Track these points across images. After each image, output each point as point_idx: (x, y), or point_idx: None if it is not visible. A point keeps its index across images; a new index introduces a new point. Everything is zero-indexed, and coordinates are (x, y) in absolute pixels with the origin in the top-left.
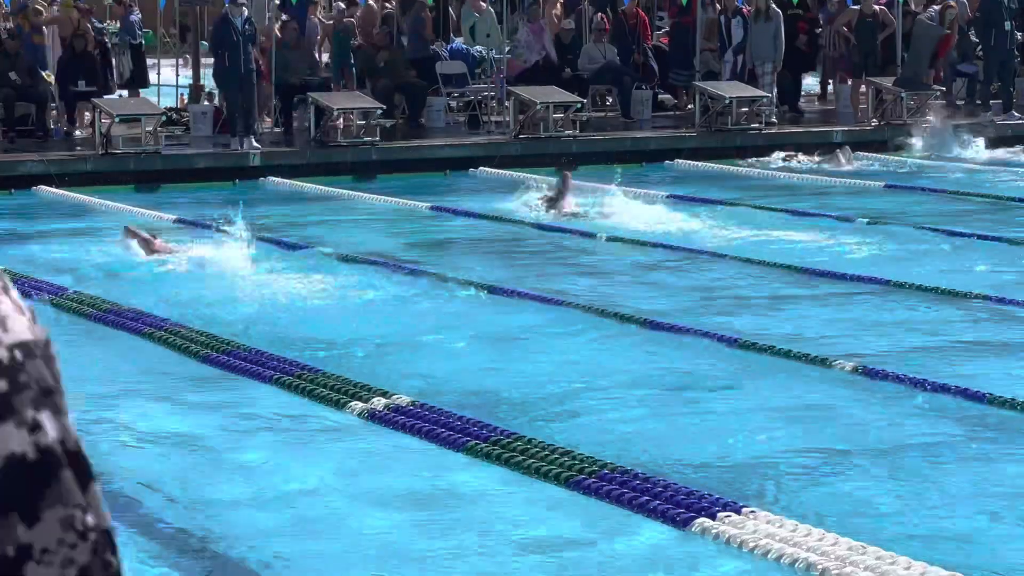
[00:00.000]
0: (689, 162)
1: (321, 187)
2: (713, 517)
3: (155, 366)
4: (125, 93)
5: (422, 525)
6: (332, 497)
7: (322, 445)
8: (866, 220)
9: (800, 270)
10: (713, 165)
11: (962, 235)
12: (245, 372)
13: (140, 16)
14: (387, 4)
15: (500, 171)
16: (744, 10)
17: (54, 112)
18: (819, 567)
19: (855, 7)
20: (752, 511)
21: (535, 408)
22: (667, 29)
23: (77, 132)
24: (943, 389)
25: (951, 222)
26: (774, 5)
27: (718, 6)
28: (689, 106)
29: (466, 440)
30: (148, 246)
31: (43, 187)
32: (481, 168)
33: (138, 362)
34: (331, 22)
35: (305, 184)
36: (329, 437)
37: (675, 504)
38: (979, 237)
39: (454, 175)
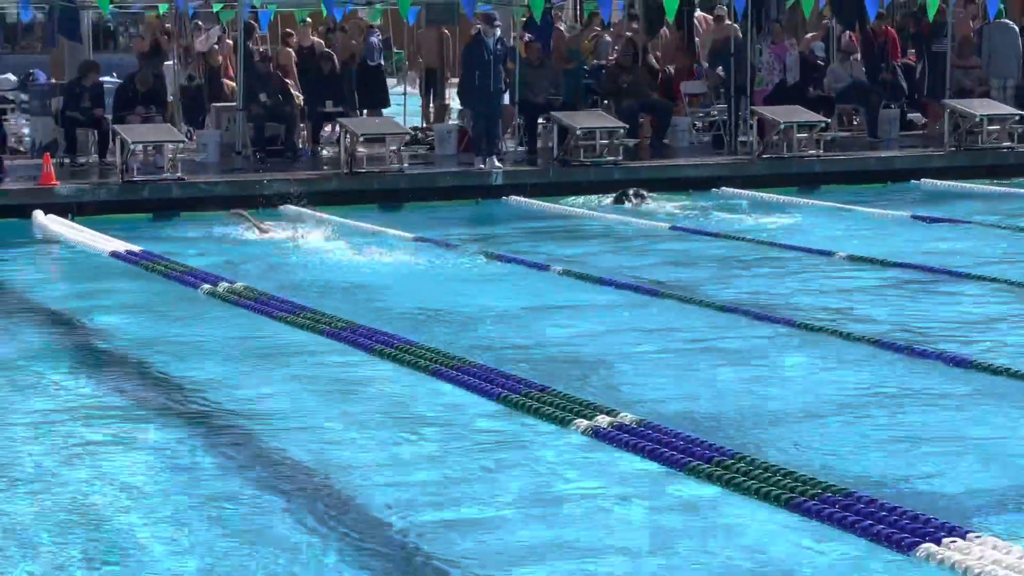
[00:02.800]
0: (936, 181)
1: (562, 206)
2: (938, 542)
3: (390, 379)
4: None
5: (642, 543)
6: (559, 514)
7: (546, 463)
8: None
9: None
10: (961, 184)
11: None
12: (474, 389)
13: (380, 37)
14: (632, 25)
15: (744, 191)
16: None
17: (303, 133)
18: None
19: None
20: (978, 536)
21: (761, 429)
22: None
23: (324, 152)
24: None
25: None
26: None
27: (972, 23)
28: (938, 125)
29: (688, 460)
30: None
31: (289, 205)
32: (724, 188)
33: (372, 379)
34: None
35: (547, 203)
36: (553, 454)
37: (899, 528)
38: None
39: (696, 194)
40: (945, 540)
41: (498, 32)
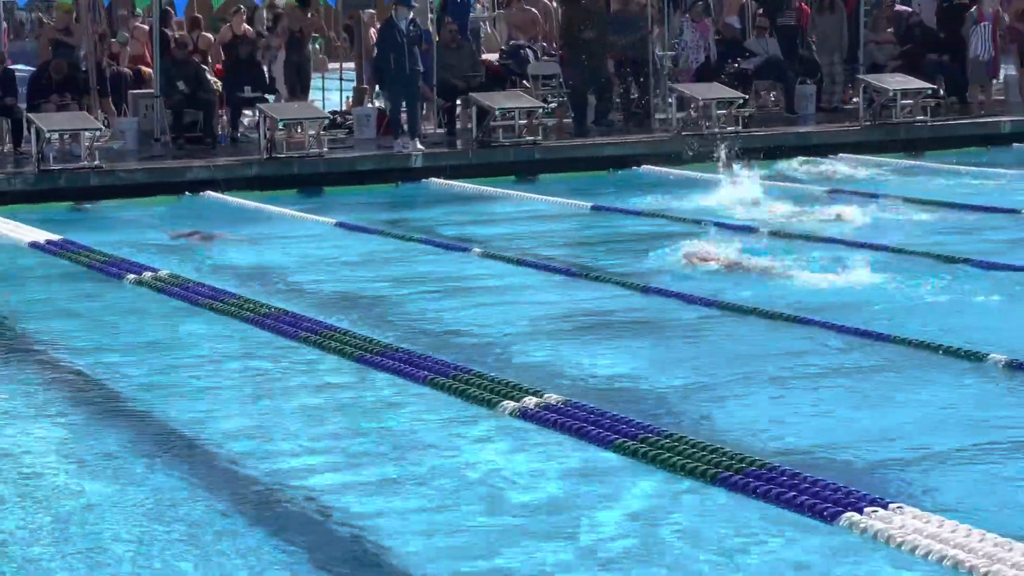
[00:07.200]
0: (854, 156)
1: (482, 187)
2: (860, 512)
3: (315, 365)
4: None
5: (568, 523)
6: (486, 494)
7: (474, 445)
8: None
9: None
10: (877, 158)
11: None
12: (400, 373)
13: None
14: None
15: (664, 169)
16: None
17: (222, 118)
18: (967, 564)
19: None
20: (899, 506)
21: (684, 405)
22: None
23: (243, 137)
24: None
25: None
26: None
27: None
28: (855, 99)
29: (615, 438)
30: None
31: (210, 192)
32: (645, 166)
33: (297, 366)
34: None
35: (467, 184)
36: (481, 436)
37: (822, 499)
38: None
39: (618, 173)
40: (867, 510)
41: (411, 14)
